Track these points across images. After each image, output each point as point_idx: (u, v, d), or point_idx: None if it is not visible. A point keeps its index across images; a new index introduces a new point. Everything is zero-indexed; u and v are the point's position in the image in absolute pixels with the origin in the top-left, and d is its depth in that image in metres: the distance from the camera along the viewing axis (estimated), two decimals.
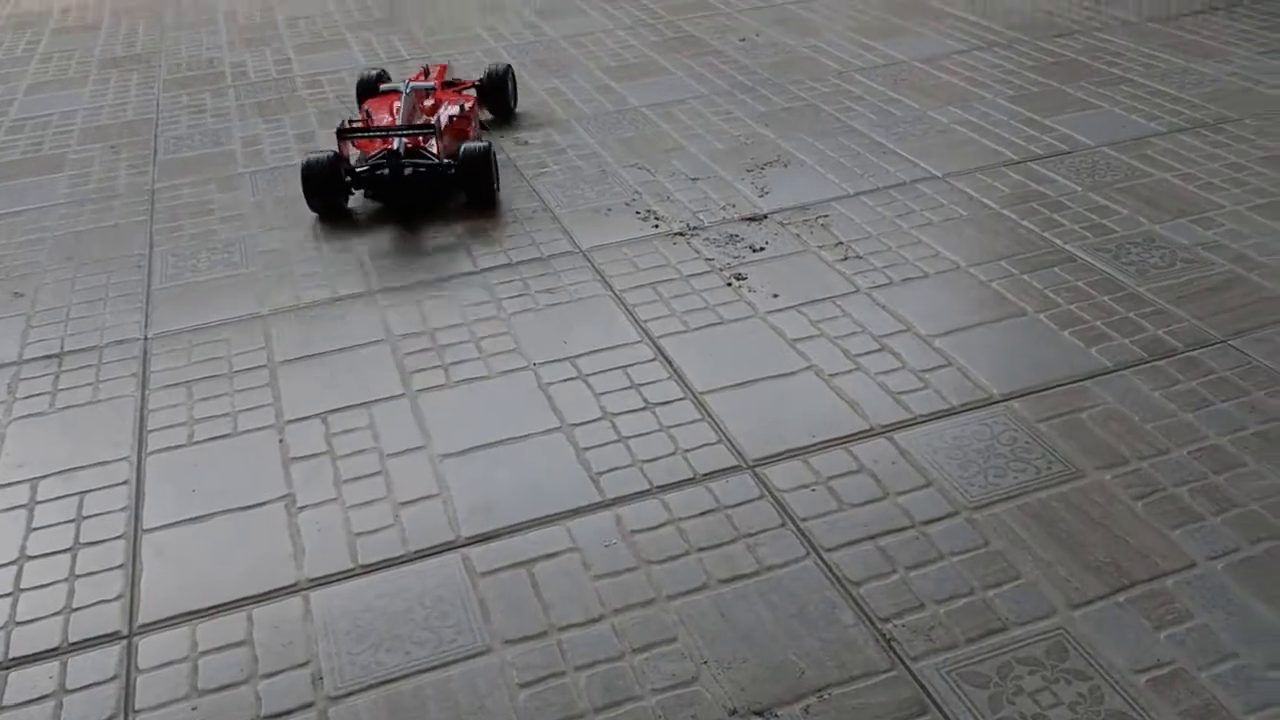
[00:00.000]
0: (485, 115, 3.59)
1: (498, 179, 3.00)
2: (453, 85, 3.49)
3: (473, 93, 3.49)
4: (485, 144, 2.94)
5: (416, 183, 2.91)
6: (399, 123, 2.98)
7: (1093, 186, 2.86)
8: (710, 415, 2.07)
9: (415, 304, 2.52)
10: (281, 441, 2.08)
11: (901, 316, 2.34)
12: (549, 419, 2.09)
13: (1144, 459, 1.89)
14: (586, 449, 2.00)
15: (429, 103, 3.24)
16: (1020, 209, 2.77)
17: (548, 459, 1.98)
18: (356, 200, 3.05)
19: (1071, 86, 3.55)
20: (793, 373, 2.19)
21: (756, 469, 1.93)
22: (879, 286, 2.47)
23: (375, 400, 2.18)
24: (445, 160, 2.94)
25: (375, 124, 3.08)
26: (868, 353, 2.23)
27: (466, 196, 2.98)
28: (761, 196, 2.94)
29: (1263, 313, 2.27)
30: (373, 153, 2.95)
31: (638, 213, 2.90)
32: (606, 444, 2.01)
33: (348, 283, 2.63)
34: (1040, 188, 2.87)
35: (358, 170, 2.92)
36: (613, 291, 2.53)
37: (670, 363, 2.24)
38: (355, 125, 3.11)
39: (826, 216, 2.80)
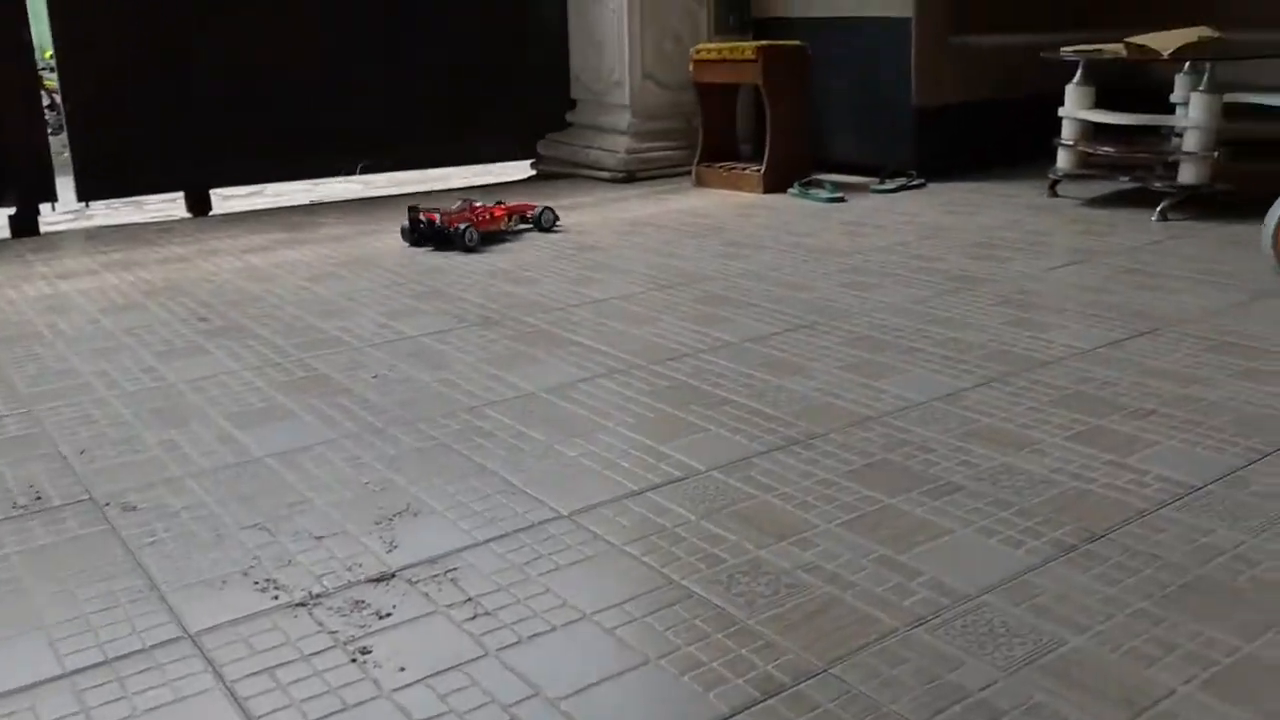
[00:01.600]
0: (526, 226, 6.69)
1: (473, 241, 6.11)
2: (513, 209, 6.64)
3: (515, 212, 6.78)
4: (464, 226, 6.08)
5: (441, 238, 6.12)
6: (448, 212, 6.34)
7: (705, 514, 3.06)
8: None
9: None
10: None
11: (530, 679, 2.31)
12: None
13: None
14: None
15: (481, 211, 6.38)
16: (640, 544, 2.89)
17: None
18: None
19: (683, 410, 3.87)
20: None
21: None
22: (507, 647, 2.43)
23: None
24: (451, 230, 6.09)
25: (445, 213, 6.23)
26: None
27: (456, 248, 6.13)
28: (390, 552, 2.87)
29: (857, 635, 2.46)
30: (426, 221, 6.19)
31: (255, 583, 2.73)
32: None
33: None
34: (659, 519, 3.03)
35: (421, 227, 6.17)
36: (224, 684, 2.31)
37: None
38: (420, 208, 6.26)
39: (456, 569, 2.77)
